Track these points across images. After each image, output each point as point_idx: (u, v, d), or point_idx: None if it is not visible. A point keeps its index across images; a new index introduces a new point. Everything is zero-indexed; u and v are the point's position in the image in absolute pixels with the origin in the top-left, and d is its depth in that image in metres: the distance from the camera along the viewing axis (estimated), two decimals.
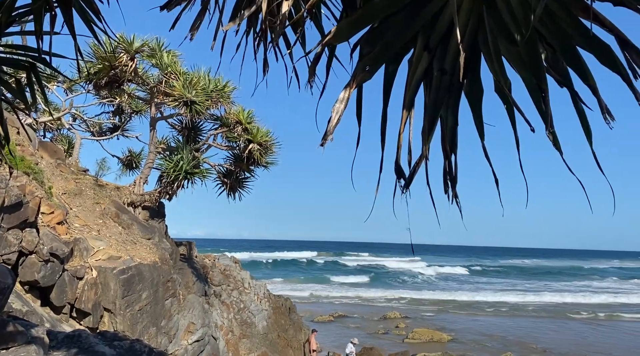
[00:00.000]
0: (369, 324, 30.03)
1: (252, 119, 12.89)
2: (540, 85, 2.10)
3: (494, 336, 27.42)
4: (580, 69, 2.06)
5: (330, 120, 2.08)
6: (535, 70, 2.11)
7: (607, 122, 2.02)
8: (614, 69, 1.97)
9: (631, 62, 1.91)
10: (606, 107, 2.02)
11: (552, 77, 2.13)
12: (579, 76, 2.06)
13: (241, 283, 16.70)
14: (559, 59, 2.11)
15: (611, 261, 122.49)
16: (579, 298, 44.51)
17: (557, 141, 2.15)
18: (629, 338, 27.74)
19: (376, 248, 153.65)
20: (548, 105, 2.10)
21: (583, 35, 2.01)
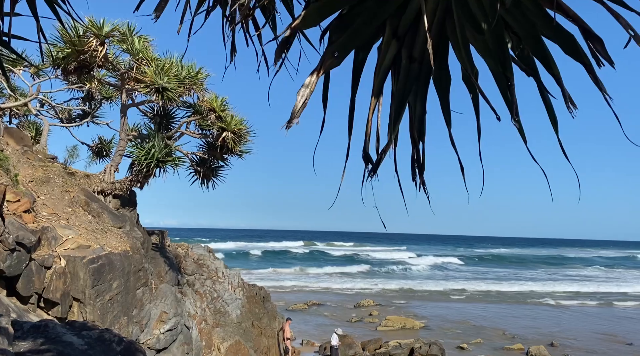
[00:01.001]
0: (343, 312, 30.31)
1: (225, 107, 12.75)
2: (506, 73, 2.13)
3: (465, 323, 28.01)
4: (545, 58, 2.09)
5: (295, 104, 2.07)
6: (501, 59, 2.13)
7: (570, 110, 2.06)
8: (578, 59, 2.00)
9: (594, 51, 1.95)
10: (569, 96, 2.05)
11: (518, 66, 2.15)
12: (544, 65, 2.09)
13: (215, 272, 16.61)
14: (525, 48, 2.14)
15: (584, 249, 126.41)
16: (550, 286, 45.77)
17: (522, 129, 2.18)
18: (596, 324, 28.68)
19: (356, 237, 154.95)
20: (514, 94, 2.12)
21: (548, 25, 2.03)
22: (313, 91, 2.12)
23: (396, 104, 2.30)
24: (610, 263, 78.99)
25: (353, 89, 2.31)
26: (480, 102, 2.21)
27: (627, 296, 40.25)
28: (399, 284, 43.29)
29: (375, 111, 2.27)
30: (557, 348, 22.23)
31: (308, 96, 2.10)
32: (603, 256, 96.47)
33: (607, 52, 1.94)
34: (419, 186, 2.45)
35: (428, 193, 2.46)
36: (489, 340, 23.66)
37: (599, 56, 1.94)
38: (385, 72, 2.26)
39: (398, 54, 2.26)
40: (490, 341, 23.42)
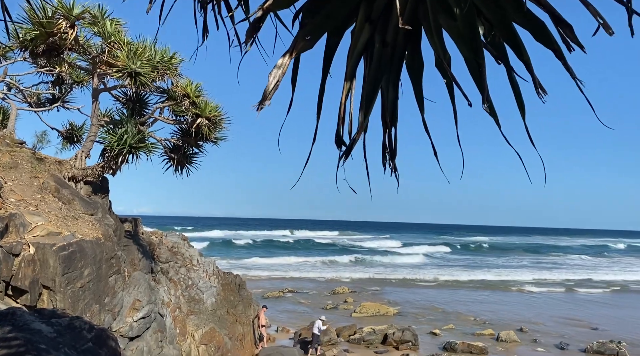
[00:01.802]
0: (318, 299, 30.51)
1: (200, 93, 12.57)
2: (478, 59, 2.14)
3: (438, 309, 28.53)
4: (516, 44, 2.11)
5: (267, 85, 2.05)
6: (473, 45, 2.14)
7: (540, 96, 2.08)
8: (548, 46, 2.02)
9: (565, 37, 1.96)
10: (539, 82, 2.08)
11: (489, 52, 2.17)
12: (514, 51, 2.10)
13: (189, 260, 16.50)
14: (496, 34, 2.15)
15: (560, 238, 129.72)
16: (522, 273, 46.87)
17: (494, 114, 2.20)
18: (564, 309, 29.54)
19: (338, 225, 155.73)
20: (485, 79, 2.13)
21: (519, 12, 2.05)
22: (285, 72, 2.10)
23: (368, 88, 2.30)
24: (585, 251, 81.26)
25: (324, 73, 2.29)
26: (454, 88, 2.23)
27: (593, 283, 41.54)
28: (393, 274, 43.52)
29: (348, 94, 2.26)
30: (526, 333, 22.84)
31: (280, 77, 2.08)
32: (579, 244, 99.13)
33: (577, 37, 1.96)
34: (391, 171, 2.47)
35: (399, 178, 2.48)
36: (460, 326, 24.16)
37: (570, 42, 1.96)
38: (358, 56, 2.25)
39: (371, 39, 2.25)
40: (461, 327, 23.92)
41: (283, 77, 2.10)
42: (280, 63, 2.08)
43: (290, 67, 2.14)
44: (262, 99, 2.02)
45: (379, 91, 2.32)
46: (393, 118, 2.39)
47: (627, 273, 48.61)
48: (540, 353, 19.61)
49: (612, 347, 19.44)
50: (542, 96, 2.07)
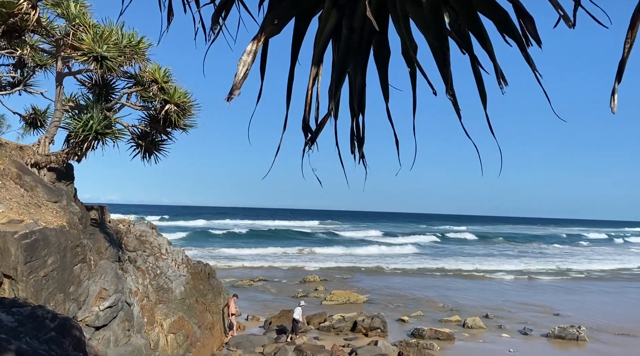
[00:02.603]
0: (289, 288, 30.62)
1: (169, 78, 12.33)
2: (442, 47, 2.16)
3: (407, 296, 29.01)
4: (480, 34, 2.13)
5: (237, 74, 2.02)
6: (438, 32, 2.16)
7: (501, 86, 2.12)
8: (511, 36, 2.05)
9: (525, 30, 2.00)
10: (501, 72, 2.11)
11: (455, 41, 2.19)
12: (478, 40, 2.13)
13: (158, 248, 16.29)
14: (461, 23, 2.17)
15: (527, 227, 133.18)
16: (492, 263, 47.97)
17: (456, 103, 2.22)
18: (529, 296, 30.42)
19: (317, 215, 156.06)
20: (449, 67, 2.16)
21: (483, 1, 2.07)
22: (254, 59, 2.08)
23: (336, 74, 2.29)
24: (562, 240, 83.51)
25: (292, 59, 2.28)
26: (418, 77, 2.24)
27: (559, 271, 42.90)
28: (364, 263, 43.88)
29: (315, 80, 2.26)
30: (491, 319, 23.46)
31: (249, 65, 2.06)
32: (557, 233, 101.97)
33: (536, 31, 1.99)
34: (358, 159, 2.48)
35: (367, 166, 2.50)
36: (429, 313, 24.65)
37: (529, 35, 1.99)
38: (325, 42, 2.25)
39: (338, 24, 2.25)
40: (430, 314, 24.40)
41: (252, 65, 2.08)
42: (249, 50, 2.05)
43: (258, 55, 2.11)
44: (231, 89, 1.99)
45: (346, 77, 2.33)
46: (361, 105, 2.40)
47: (592, 261, 50.36)
48: (504, 339, 20.19)
49: (572, 332, 20.17)
50: (502, 86, 2.10)
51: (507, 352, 18.13)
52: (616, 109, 1.76)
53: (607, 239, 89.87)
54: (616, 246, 77.34)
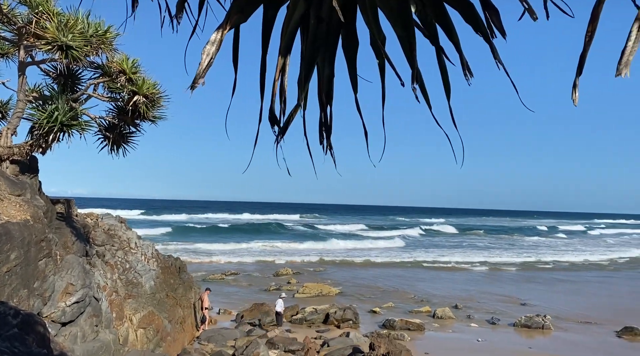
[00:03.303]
0: (261, 281, 30.56)
1: (137, 69, 12.05)
2: (409, 39, 2.16)
3: (379, 288, 29.31)
4: (446, 25, 2.14)
5: (200, 63, 1.99)
6: (405, 23, 2.16)
7: (467, 78, 2.14)
8: (477, 28, 2.06)
9: (490, 22, 2.02)
10: (467, 64, 2.12)
11: (421, 32, 2.20)
12: (445, 31, 2.14)
13: (127, 242, 16.02)
14: (428, 14, 2.18)
15: (499, 219, 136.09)
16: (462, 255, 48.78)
17: (426, 95, 2.23)
18: (498, 287, 31.11)
19: (294, 208, 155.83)
20: (415, 58, 2.16)
21: None
22: (219, 48, 2.04)
23: (305, 64, 2.28)
24: (539, 233, 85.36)
25: (263, 48, 2.25)
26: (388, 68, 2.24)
27: (528, 262, 43.99)
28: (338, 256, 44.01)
29: (282, 71, 2.24)
30: (461, 309, 23.93)
31: (214, 54, 2.02)
32: (533, 226, 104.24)
33: (501, 23, 2.01)
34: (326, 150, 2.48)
35: (334, 156, 2.50)
36: (400, 304, 24.97)
37: (493, 27, 2.01)
38: (293, 32, 2.22)
39: (306, 14, 2.23)
40: (401, 305, 24.73)
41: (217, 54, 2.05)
42: (214, 39, 2.02)
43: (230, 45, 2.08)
44: (194, 78, 1.96)
45: (314, 68, 2.31)
46: (329, 96, 2.39)
47: (561, 253, 51.78)
48: (473, 329, 20.62)
49: (538, 321, 20.74)
50: (468, 77, 2.12)
51: (476, 341, 18.53)
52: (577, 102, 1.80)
53: (582, 232, 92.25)
54: (588, 237, 79.60)
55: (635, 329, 19.70)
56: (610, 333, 19.93)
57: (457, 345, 18.06)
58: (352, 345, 16.23)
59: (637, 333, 19.51)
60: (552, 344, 18.47)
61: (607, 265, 43.36)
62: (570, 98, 1.82)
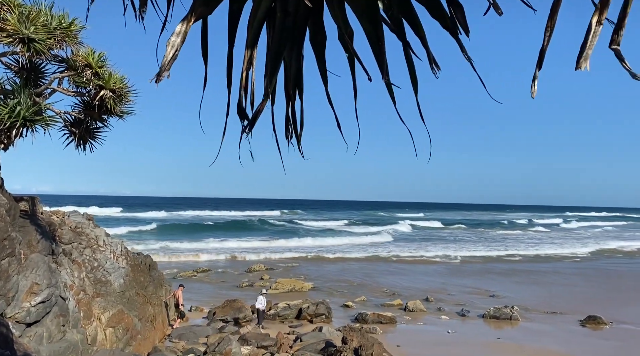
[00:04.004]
0: (234, 277, 30.39)
1: (103, 63, 11.74)
2: (377, 33, 2.17)
3: (352, 282, 29.50)
4: (412, 20, 2.16)
5: (165, 55, 1.95)
6: (372, 18, 2.17)
7: (434, 72, 2.16)
8: (443, 24, 2.08)
9: (454, 19, 2.04)
10: (433, 59, 2.14)
11: (388, 27, 2.21)
12: (411, 26, 2.15)
13: (95, 240, 15.69)
14: (394, 9, 2.19)
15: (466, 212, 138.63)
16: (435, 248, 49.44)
17: (391, 90, 2.25)
18: (468, 279, 31.69)
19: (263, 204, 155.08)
20: (383, 53, 2.18)
21: None
22: (184, 40, 2.01)
23: (271, 58, 2.26)
24: (511, 226, 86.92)
25: (230, 41, 2.23)
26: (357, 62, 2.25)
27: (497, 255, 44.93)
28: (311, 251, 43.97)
29: (249, 64, 2.22)
30: (432, 302, 24.30)
31: (179, 46, 1.99)
32: (511, 219, 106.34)
33: (465, 20, 2.04)
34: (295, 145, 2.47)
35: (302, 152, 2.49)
36: (372, 298, 25.20)
37: (458, 24, 2.03)
38: (259, 24, 2.21)
39: (273, 6, 2.22)
40: (373, 299, 24.96)
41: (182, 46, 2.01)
42: (178, 31, 1.99)
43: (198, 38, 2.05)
44: (159, 70, 1.93)
45: (282, 61, 2.30)
46: (297, 90, 2.39)
47: (532, 246, 53.02)
48: (443, 321, 20.97)
49: (506, 312, 21.24)
50: (435, 71, 2.14)
51: (446, 333, 18.86)
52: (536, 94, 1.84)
53: (554, 225, 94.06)
54: (559, 230, 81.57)
55: (598, 318, 20.37)
56: (574, 322, 20.56)
57: (427, 337, 18.35)
58: (325, 339, 16.31)
59: (600, 321, 20.18)
60: (520, 334, 18.95)
61: (574, 257, 44.66)
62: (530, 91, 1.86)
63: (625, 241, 59.96)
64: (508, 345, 17.22)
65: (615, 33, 1.76)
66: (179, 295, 18.93)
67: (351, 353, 13.21)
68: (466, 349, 16.63)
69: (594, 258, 45.01)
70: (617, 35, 1.76)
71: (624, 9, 1.76)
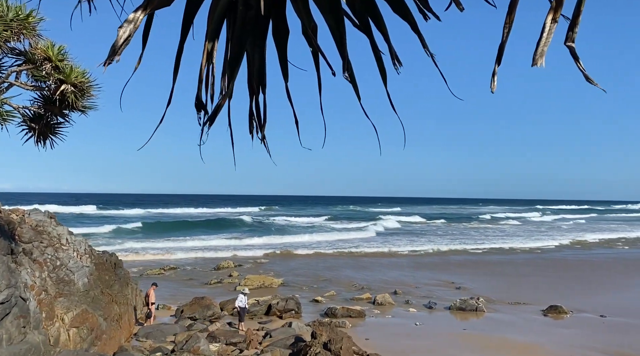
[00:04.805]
0: (202, 275, 30.07)
1: (64, 56, 11.35)
2: (339, 28, 2.17)
3: (321, 277, 29.59)
4: (375, 15, 2.16)
5: (116, 40, 1.90)
6: (334, 13, 2.17)
7: (396, 68, 2.17)
8: (404, 17, 2.09)
9: (420, 7, 2.04)
10: (395, 54, 2.16)
11: (351, 22, 2.21)
12: (373, 21, 2.16)
13: (57, 239, 15.25)
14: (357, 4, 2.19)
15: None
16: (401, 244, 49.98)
17: (355, 85, 2.25)
18: (435, 272, 32.20)
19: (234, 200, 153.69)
20: (345, 47, 2.17)
21: None
22: (138, 27, 1.97)
23: (232, 52, 2.23)
24: (484, 221, 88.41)
25: (183, 33, 2.18)
26: None
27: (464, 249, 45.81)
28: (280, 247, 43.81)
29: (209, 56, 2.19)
30: (400, 295, 24.62)
31: (132, 32, 1.94)
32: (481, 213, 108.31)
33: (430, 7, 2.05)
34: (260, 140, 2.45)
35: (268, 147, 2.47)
36: (342, 292, 25.36)
37: (425, 10, 2.04)
38: (220, 17, 2.17)
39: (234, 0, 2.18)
40: (343, 293, 25.12)
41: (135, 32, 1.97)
42: (132, 18, 1.94)
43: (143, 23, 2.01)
44: (109, 54, 1.88)
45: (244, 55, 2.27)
46: (260, 83, 2.36)
47: (498, 239, 54.19)
48: (411, 313, 21.28)
49: (472, 303, 21.71)
50: (397, 67, 2.15)
51: (414, 325, 19.15)
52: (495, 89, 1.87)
53: (523, 218, 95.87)
54: (528, 223, 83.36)
55: (559, 307, 21.06)
56: (537, 312, 21.19)
57: (396, 329, 18.58)
58: (295, 335, 16.33)
59: (561, 311, 20.87)
60: (485, 325, 19.41)
61: (539, 249, 45.93)
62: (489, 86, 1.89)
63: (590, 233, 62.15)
64: (474, 336, 17.61)
65: (570, 30, 1.80)
66: (150, 294, 18.80)
67: (320, 348, 13.26)
68: (433, 340, 16.93)
69: (557, 249, 46.42)
70: (571, 32, 1.80)
71: (578, 6, 1.80)
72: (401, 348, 15.88)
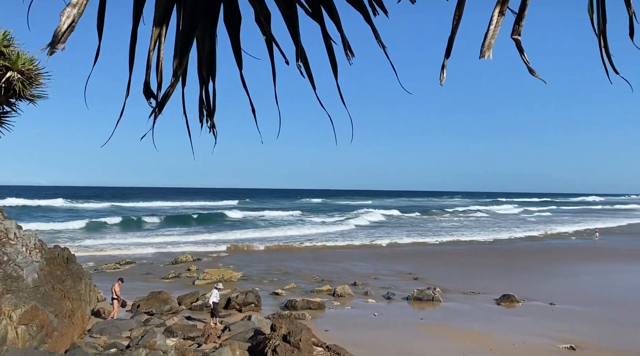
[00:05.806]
0: (160, 269, 29.52)
1: (10, 42, 10.88)
2: (292, 16, 2.14)
3: (282, 270, 29.59)
4: (327, 4, 2.15)
5: (59, 26, 1.81)
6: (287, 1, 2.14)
7: (348, 58, 2.16)
8: (357, 7, 2.08)
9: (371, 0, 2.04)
10: (348, 44, 2.14)
11: (304, 10, 2.18)
12: (326, 10, 2.14)
13: (5, 233, 14.62)
14: None
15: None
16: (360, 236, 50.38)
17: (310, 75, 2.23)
18: (395, 264, 32.70)
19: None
20: (298, 36, 2.15)
21: None
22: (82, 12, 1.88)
23: (182, 38, 2.17)
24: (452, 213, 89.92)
25: (135, 19, 2.11)
26: None
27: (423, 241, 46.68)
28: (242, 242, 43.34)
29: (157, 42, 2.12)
30: (359, 286, 24.90)
31: (76, 18, 1.85)
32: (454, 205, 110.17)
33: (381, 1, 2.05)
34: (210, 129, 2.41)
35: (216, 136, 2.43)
36: (302, 285, 25.42)
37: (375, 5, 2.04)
38: (168, 3, 2.11)
39: None
40: (303, 286, 25.19)
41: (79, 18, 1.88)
42: (76, 1, 1.85)
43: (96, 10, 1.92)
44: (52, 41, 1.78)
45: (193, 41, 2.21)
46: (210, 71, 2.31)
47: (463, 230, 55.45)
48: (370, 304, 21.56)
49: (428, 293, 22.19)
50: (349, 57, 2.14)
51: (372, 316, 19.42)
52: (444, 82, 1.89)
53: (487, 211, 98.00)
54: (492, 216, 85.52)
55: (511, 296, 21.80)
56: (490, 301, 21.86)
57: (355, 320, 18.79)
58: (254, 328, 16.27)
59: (514, 299, 21.61)
60: (441, 314, 19.88)
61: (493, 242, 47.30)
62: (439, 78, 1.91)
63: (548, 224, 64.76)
64: (430, 325, 18.02)
65: (517, 23, 1.84)
66: (116, 288, 18.58)
67: (280, 340, 13.26)
68: (391, 330, 17.22)
69: (513, 240, 47.99)
70: (518, 25, 1.84)
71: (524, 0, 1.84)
72: (360, 339, 16.07)
